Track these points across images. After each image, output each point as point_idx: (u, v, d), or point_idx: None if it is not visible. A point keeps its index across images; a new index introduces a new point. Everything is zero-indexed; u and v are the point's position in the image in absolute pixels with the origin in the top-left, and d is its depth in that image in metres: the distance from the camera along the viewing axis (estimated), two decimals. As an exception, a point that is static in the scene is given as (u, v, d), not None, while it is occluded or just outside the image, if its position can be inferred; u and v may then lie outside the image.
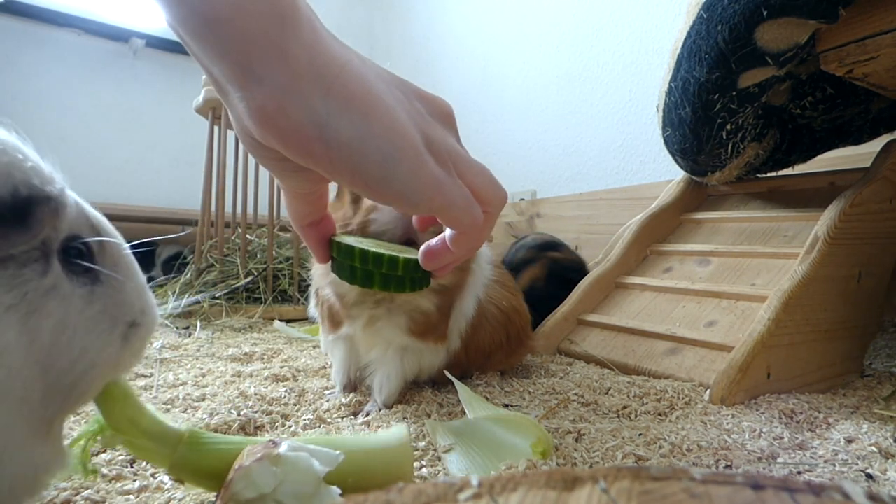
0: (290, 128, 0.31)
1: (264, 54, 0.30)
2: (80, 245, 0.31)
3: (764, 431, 0.57)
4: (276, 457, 0.33)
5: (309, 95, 0.31)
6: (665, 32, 1.56)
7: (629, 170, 1.67)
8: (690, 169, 1.06)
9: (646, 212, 1.12)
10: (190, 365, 0.92)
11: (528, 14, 2.09)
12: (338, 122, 0.31)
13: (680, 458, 0.51)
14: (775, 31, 0.77)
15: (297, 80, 0.31)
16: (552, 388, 0.75)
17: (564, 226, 1.79)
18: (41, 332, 0.27)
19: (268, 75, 0.30)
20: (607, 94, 1.75)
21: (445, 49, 2.58)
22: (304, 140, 0.31)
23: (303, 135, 0.31)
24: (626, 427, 0.59)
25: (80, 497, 0.41)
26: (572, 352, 1.01)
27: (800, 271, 0.77)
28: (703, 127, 0.92)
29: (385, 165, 0.32)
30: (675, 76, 0.91)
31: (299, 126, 0.31)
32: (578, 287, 1.09)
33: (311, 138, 0.31)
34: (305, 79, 0.31)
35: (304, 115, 0.31)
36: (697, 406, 0.68)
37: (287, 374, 0.84)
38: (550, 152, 1.96)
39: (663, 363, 0.85)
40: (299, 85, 0.31)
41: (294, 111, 0.31)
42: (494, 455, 0.48)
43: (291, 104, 0.31)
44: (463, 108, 2.45)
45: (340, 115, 0.31)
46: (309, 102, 0.31)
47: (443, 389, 0.75)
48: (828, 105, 0.98)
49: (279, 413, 0.63)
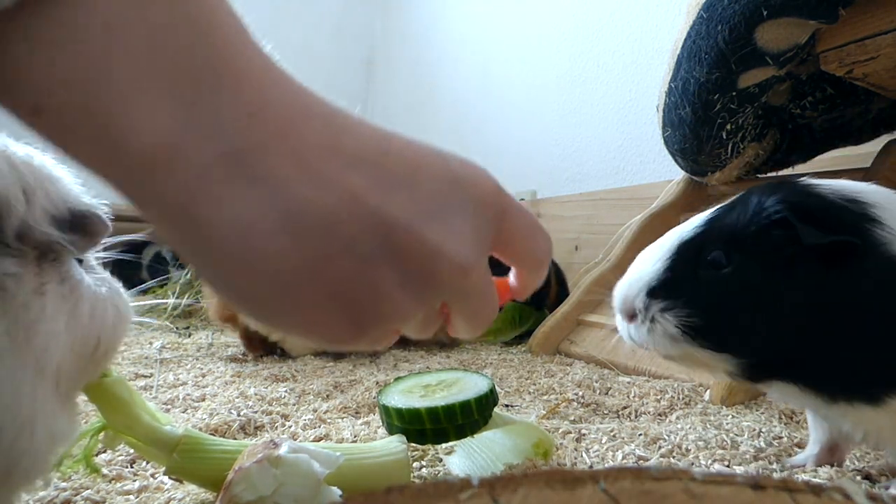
0: (167, 240, 0.28)
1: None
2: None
3: (763, 431, 0.57)
4: (276, 458, 0.33)
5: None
6: (665, 32, 1.56)
7: (629, 170, 1.67)
8: (690, 169, 1.06)
9: (646, 212, 1.12)
10: (190, 365, 0.92)
11: (528, 14, 2.09)
12: (206, 263, 0.26)
13: (680, 458, 0.51)
14: (775, 31, 0.77)
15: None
16: (552, 388, 0.75)
17: (564, 226, 1.79)
18: (81, 316, 0.32)
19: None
20: (607, 94, 1.75)
21: (445, 49, 2.59)
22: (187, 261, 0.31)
23: (182, 256, 0.28)
24: (626, 427, 0.59)
25: (80, 497, 0.41)
26: (572, 352, 1.01)
27: (800, 271, 0.77)
28: (703, 127, 0.92)
29: (266, 321, 0.28)
30: (675, 76, 0.91)
31: (173, 244, 0.27)
32: (578, 287, 1.09)
33: (192, 265, 0.28)
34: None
35: (167, 239, 0.27)
36: (697, 406, 0.68)
37: (287, 374, 0.84)
38: (550, 152, 1.96)
39: (663, 363, 0.85)
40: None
41: (156, 228, 0.28)
42: (495, 456, 0.48)
43: (148, 219, 0.27)
44: (463, 108, 2.45)
45: (207, 256, 0.26)
46: (161, 229, 0.26)
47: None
48: (828, 105, 0.98)
49: (279, 413, 0.63)
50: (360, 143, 0.26)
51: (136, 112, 0.22)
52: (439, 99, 2.63)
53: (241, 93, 0.23)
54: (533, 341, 1.06)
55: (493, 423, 0.48)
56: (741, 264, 0.41)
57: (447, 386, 0.48)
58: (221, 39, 0.23)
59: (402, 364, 0.94)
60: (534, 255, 0.34)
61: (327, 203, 0.25)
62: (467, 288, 0.30)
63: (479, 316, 0.32)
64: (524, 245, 0.33)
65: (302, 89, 0.26)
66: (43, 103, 0.21)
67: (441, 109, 2.62)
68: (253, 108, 0.24)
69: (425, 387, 0.49)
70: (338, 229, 0.25)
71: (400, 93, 3.03)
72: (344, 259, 0.25)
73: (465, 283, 0.29)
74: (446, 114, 2.57)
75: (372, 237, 0.26)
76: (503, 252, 0.33)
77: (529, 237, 0.33)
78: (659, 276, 0.44)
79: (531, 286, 0.36)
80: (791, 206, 0.39)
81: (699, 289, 0.42)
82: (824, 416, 0.47)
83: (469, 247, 0.28)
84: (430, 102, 2.70)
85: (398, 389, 0.49)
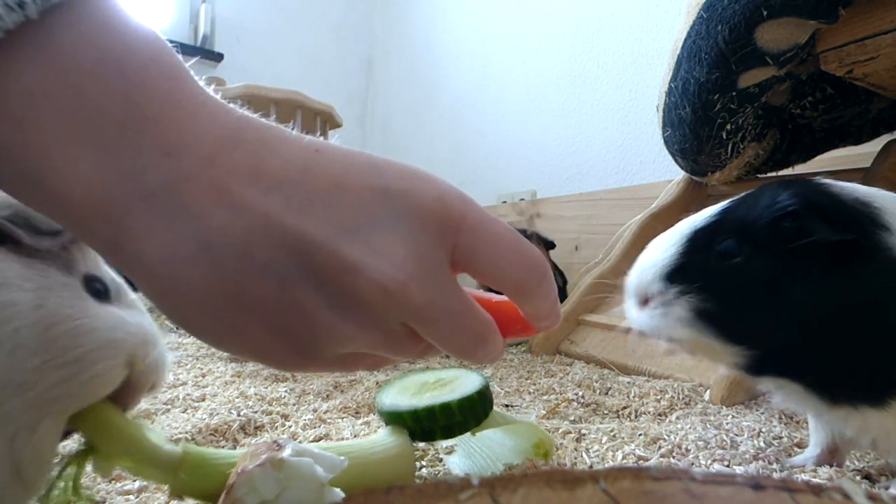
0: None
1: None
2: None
3: (763, 431, 0.57)
4: (279, 461, 0.32)
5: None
6: (665, 32, 1.56)
7: (629, 170, 1.67)
8: (690, 169, 1.06)
9: (646, 212, 1.12)
10: (190, 365, 0.92)
11: (528, 14, 2.09)
12: (145, 292, 0.27)
13: (680, 458, 0.51)
14: (775, 31, 0.77)
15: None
16: (552, 388, 0.75)
17: (564, 226, 1.79)
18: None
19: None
20: (607, 94, 1.75)
21: (445, 49, 2.59)
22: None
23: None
24: (626, 427, 0.59)
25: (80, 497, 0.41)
26: (572, 352, 1.01)
27: (800, 271, 0.77)
28: (703, 127, 0.92)
29: (222, 348, 0.28)
30: (675, 76, 0.91)
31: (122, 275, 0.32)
32: (578, 287, 1.09)
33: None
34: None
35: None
36: (697, 406, 0.68)
37: (287, 374, 0.84)
38: (550, 152, 1.96)
39: (663, 363, 0.85)
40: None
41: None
42: (495, 456, 0.48)
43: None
44: (463, 109, 2.45)
45: (142, 285, 0.27)
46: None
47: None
48: (828, 105, 0.98)
49: (279, 413, 0.63)
50: (283, 163, 0.26)
51: (63, 166, 0.23)
52: (439, 99, 2.63)
53: (161, 134, 0.25)
54: (533, 341, 1.06)
55: (494, 422, 0.48)
56: (752, 254, 0.41)
57: (441, 385, 0.47)
58: (147, 87, 0.25)
59: (402, 364, 0.94)
60: (505, 274, 0.29)
61: (241, 228, 0.25)
62: (409, 310, 0.26)
63: (452, 341, 0.28)
64: (491, 262, 0.28)
65: (234, 118, 0.27)
66: None
67: (441, 109, 2.62)
68: (170, 147, 0.25)
69: (422, 385, 0.48)
70: (253, 253, 0.25)
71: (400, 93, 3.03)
72: (262, 282, 0.25)
73: (401, 305, 0.26)
74: (446, 114, 2.57)
75: (287, 258, 0.25)
76: (471, 271, 0.29)
77: (497, 253, 0.28)
78: (674, 261, 0.44)
79: (538, 308, 0.31)
80: (803, 201, 0.40)
81: (712, 276, 0.42)
82: (827, 420, 0.47)
83: (396, 264, 0.26)
84: (430, 102, 2.70)
85: (394, 389, 0.49)
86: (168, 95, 0.25)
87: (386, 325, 0.27)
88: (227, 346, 0.27)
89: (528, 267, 0.29)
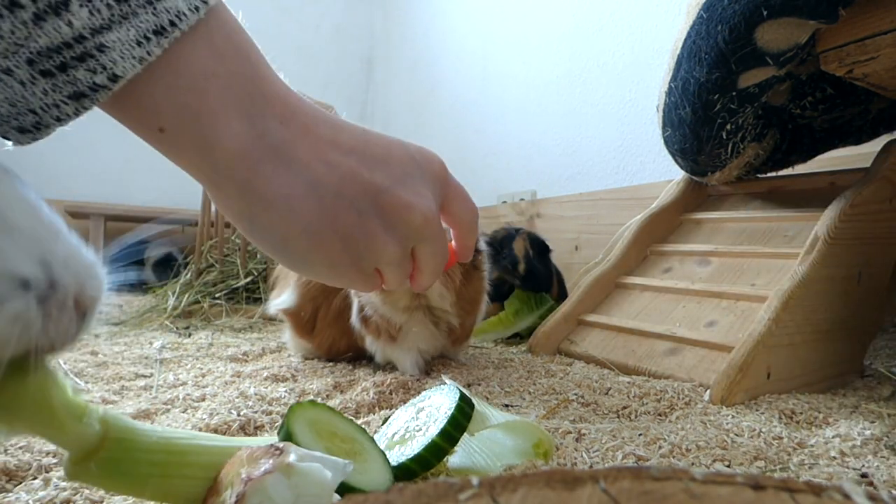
0: (228, 213, 0.39)
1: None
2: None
3: (763, 431, 0.57)
4: (288, 467, 0.31)
5: (228, 196, 0.38)
6: (665, 32, 1.56)
7: (629, 170, 1.67)
8: (690, 169, 1.06)
9: (646, 212, 1.12)
10: (190, 365, 0.92)
11: (528, 14, 2.09)
12: (261, 220, 0.38)
13: (680, 458, 0.51)
14: (775, 31, 0.77)
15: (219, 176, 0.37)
16: (552, 388, 0.75)
17: (564, 226, 1.79)
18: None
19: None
20: (607, 94, 1.75)
21: (445, 49, 2.59)
22: (240, 226, 0.40)
23: (238, 223, 0.40)
24: (626, 427, 0.59)
25: (80, 497, 0.41)
26: (572, 352, 1.01)
27: (800, 271, 0.77)
28: (703, 127, 0.92)
29: (297, 264, 0.41)
30: (675, 76, 0.91)
31: (233, 214, 0.39)
32: (578, 287, 1.09)
33: (243, 228, 0.40)
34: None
35: (230, 210, 0.39)
36: (697, 406, 0.68)
37: (287, 374, 0.84)
38: (550, 152, 1.96)
39: (663, 363, 0.85)
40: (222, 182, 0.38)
41: (222, 205, 0.39)
42: (495, 456, 0.48)
43: (218, 200, 0.39)
44: (463, 108, 2.45)
45: (262, 215, 0.38)
46: (229, 203, 0.38)
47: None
48: (828, 105, 0.98)
49: (279, 413, 0.63)
50: (350, 138, 0.40)
51: (222, 126, 0.35)
52: (439, 98, 2.63)
53: (276, 107, 0.37)
54: (533, 341, 1.06)
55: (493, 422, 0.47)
56: None
57: (404, 442, 0.43)
58: (262, 72, 0.37)
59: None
60: (467, 216, 0.47)
61: (336, 177, 0.38)
62: (430, 233, 0.42)
63: (436, 256, 0.44)
64: (459, 207, 0.46)
65: (308, 102, 0.39)
66: (165, 125, 0.34)
67: (441, 109, 2.62)
68: (282, 118, 0.37)
69: (391, 439, 0.44)
70: (343, 194, 0.38)
71: (400, 92, 3.03)
72: (348, 213, 0.38)
73: (429, 229, 0.41)
74: (446, 113, 2.57)
75: (364, 198, 0.39)
76: (445, 212, 0.45)
77: (463, 203, 0.46)
78: None
79: (468, 245, 0.49)
80: None
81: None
82: None
83: (429, 202, 0.41)
84: (430, 102, 2.70)
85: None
86: (276, 80, 0.38)
87: (408, 244, 0.42)
88: (311, 260, 0.39)
89: (474, 212, 0.48)
